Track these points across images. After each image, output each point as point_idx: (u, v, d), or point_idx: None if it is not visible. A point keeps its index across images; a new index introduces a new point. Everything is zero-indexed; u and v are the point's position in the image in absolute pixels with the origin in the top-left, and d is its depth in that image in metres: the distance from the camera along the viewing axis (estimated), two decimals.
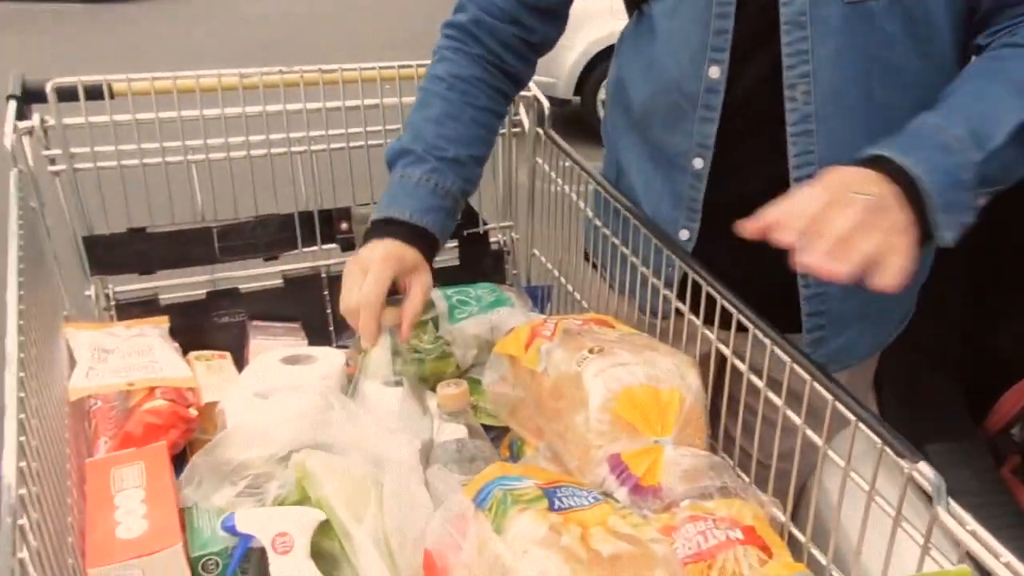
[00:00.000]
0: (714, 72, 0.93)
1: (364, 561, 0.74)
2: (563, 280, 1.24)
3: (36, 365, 0.79)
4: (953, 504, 0.55)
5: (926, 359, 1.38)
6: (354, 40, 8.58)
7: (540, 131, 1.27)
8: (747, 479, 0.84)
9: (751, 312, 0.79)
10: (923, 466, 0.58)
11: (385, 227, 0.97)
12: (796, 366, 0.72)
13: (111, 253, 1.13)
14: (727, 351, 0.84)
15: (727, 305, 0.84)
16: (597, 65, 5.97)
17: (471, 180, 1.05)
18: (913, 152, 0.75)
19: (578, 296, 1.20)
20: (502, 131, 1.30)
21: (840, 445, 0.68)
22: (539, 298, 1.28)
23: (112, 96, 1.12)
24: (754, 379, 0.79)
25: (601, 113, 5.92)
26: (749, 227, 0.73)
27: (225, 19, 10.16)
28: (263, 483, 0.83)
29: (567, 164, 1.18)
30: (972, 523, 0.54)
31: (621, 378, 0.83)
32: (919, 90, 0.88)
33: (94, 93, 1.10)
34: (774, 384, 0.79)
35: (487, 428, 1.08)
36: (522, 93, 1.28)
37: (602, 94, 5.98)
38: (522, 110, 1.28)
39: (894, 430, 0.61)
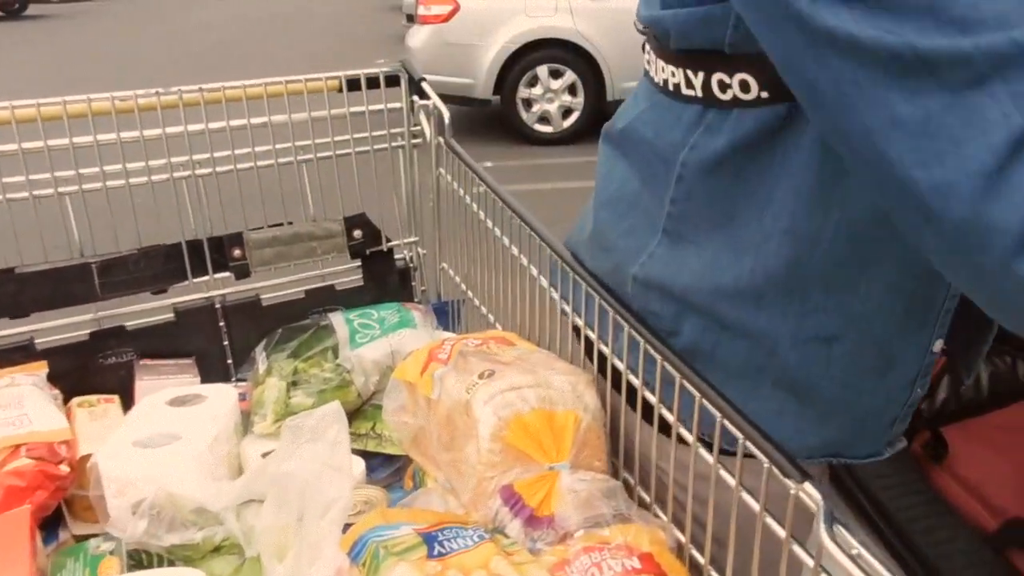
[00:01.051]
0: None
1: None
2: (470, 294, 1.19)
3: None
4: (838, 529, 0.51)
5: None
6: (290, 51, 8.49)
7: (441, 140, 1.22)
8: (648, 498, 0.80)
9: (631, 316, 0.75)
10: (807, 487, 0.54)
11: None
12: (687, 383, 0.67)
13: None
14: (621, 365, 0.79)
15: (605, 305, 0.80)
16: (514, 64, 6.07)
17: None
18: None
19: (484, 310, 1.15)
20: (401, 143, 1.25)
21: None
22: (449, 314, 1.23)
23: None
24: (649, 396, 0.75)
25: (523, 112, 6.08)
26: None
27: (159, 28, 9.97)
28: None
29: (472, 177, 1.13)
30: (856, 546, 0.50)
31: (512, 403, 0.78)
32: None
33: None
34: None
35: (392, 458, 1.03)
36: (421, 102, 1.23)
37: (521, 92, 6.07)
38: (423, 119, 1.23)
39: (781, 448, 0.57)
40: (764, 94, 0.66)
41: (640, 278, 0.78)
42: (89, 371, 1.10)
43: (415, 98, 1.23)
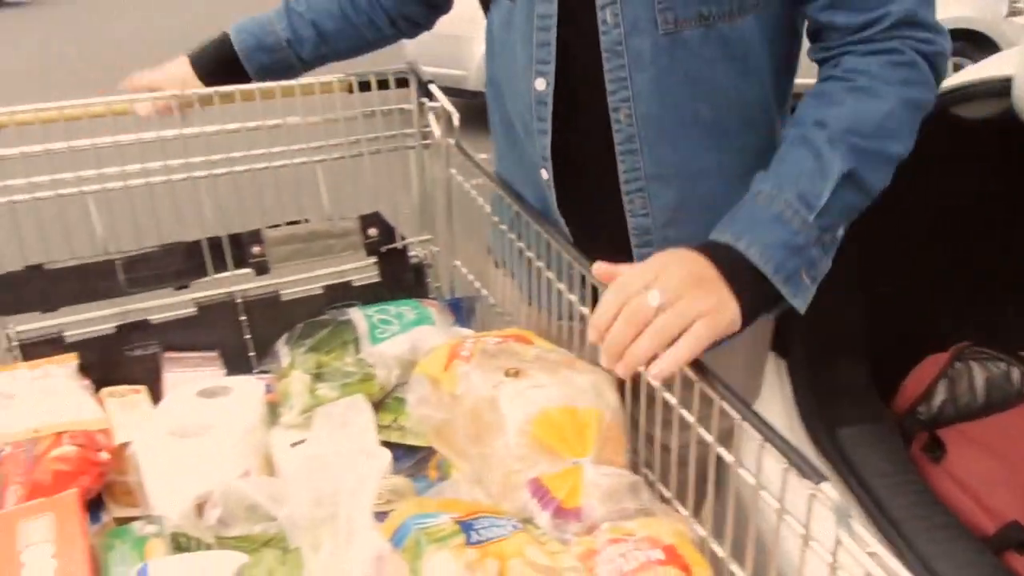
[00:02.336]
0: (540, 84, 0.97)
1: None
2: (484, 292, 1.23)
3: None
4: (855, 526, 0.56)
5: (832, 343, 1.43)
6: None
7: (451, 142, 1.25)
8: (668, 493, 0.85)
9: None
10: (826, 487, 0.59)
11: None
12: (705, 386, 0.72)
13: (10, 293, 1.08)
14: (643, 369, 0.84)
15: None
16: None
17: (304, 41, 1.24)
18: (747, 233, 0.79)
19: (499, 310, 1.19)
20: (412, 143, 1.28)
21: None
22: (463, 311, 1.27)
23: None
24: (668, 396, 0.80)
25: None
26: (600, 274, 0.80)
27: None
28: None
29: (480, 181, 1.17)
30: (873, 545, 0.55)
31: (537, 400, 0.83)
32: (743, 106, 0.95)
33: None
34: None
35: (414, 449, 1.07)
36: (430, 104, 1.26)
37: None
38: (432, 121, 1.26)
39: (799, 451, 0.61)
40: None
41: None
42: (116, 363, 1.13)
43: (424, 100, 1.26)
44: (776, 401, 1.43)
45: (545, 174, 1.03)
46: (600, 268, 0.80)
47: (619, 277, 0.77)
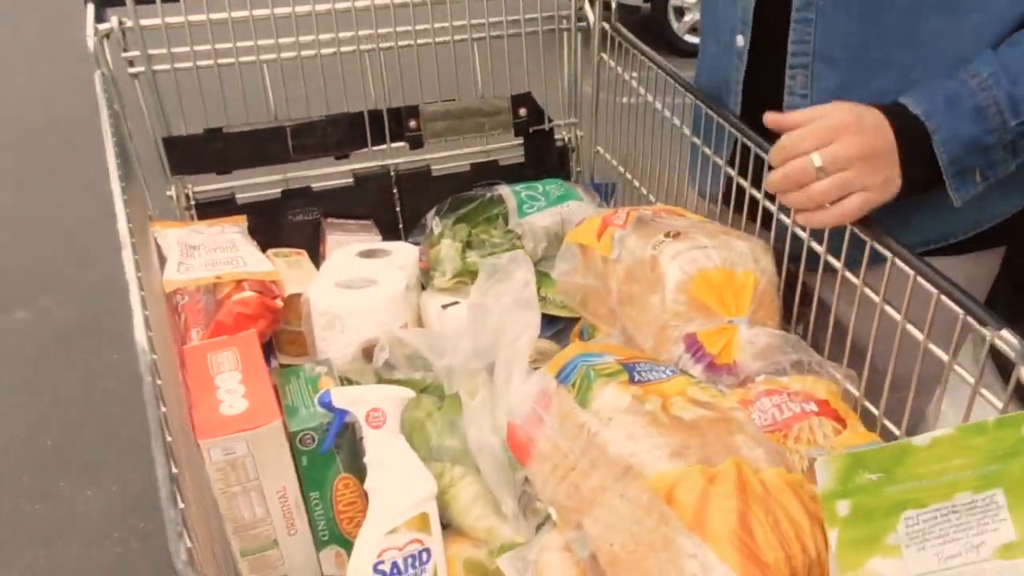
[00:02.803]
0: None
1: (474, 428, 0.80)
2: (628, 176, 1.25)
3: (141, 253, 0.83)
4: None
5: None
6: None
7: (606, 25, 1.26)
8: (821, 356, 0.86)
9: None
10: (1005, 333, 0.59)
11: None
12: (876, 244, 0.73)
13: (190, 154, 1.16)
14: (804, 234, 0.85)
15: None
16: None
17: None
18: (940, 115, 0.77)
19: (644, 191, 1.20)
20: (566, 26, 1.29)
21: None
22: (604, 194, 1.29)
23: None
24: (833, 261, 0.81)
25: (674, 21, 5.62)
26: (769, 121, 0.79)
27: None
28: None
29: (636, 57, 1.17)
30: None
31: (697, 260, 0.85)
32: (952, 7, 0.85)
33: None
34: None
35: (554, 319, 1.12)
36: None
37: (675, 0, 5.68)
38: (587, 3, 1.27)
39: (976, 299, 0.62)
40: None
41: None
42: (280, 226, 1.21)
43: None
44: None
45: (741, 40, 0.98)
46: (770, 116, 0.79)
47: (792, 134, 0.77)
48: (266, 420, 0.80)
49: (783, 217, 0.87)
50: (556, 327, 1.13)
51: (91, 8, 1.10)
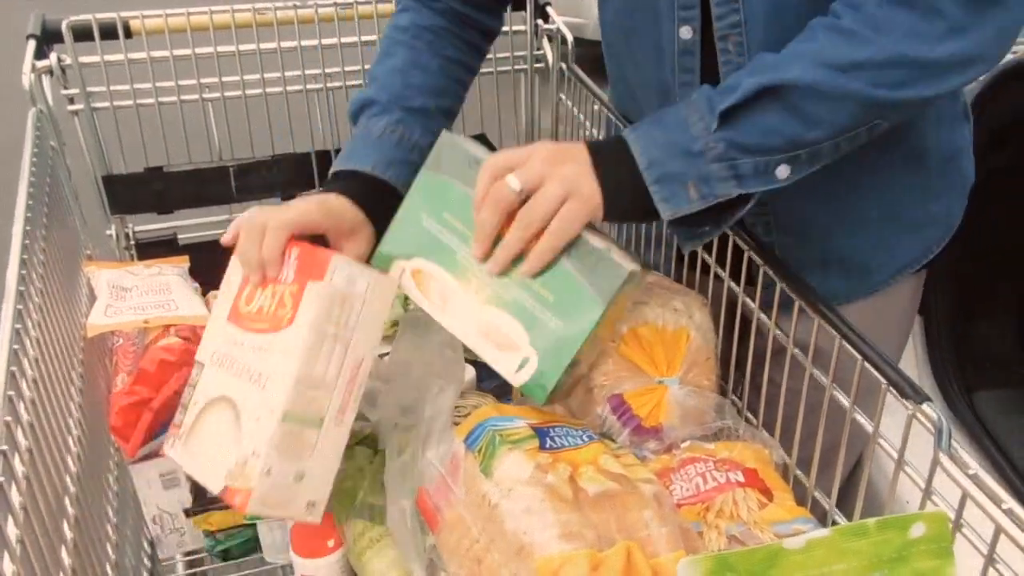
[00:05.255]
0: (685, 32, 0.82)
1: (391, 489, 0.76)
2: None
3: (45, 299, 0.80)
4: (956, 448, 0.52)
5: (979, 300, 1.32)
6: None
7: (564, 67, 1.23)
8: (756, 421, 0.81)
9: (761, 253, 0.75)
10: (927, 407, 0.54)
11: (339, 181, 0.85)
12: (803, 303, 0.68)
13: (130, 192, 1.13)
14: (737, 288, 0.80)
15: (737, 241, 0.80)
16: None
17: (438, 134, 0.85)
18: (642, 128, 0.72)
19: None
20: (523, 67, 1.26)
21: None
22: None
23: (129, 35, 1.11)
24: (763, 317, 0.76)
25: None
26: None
27: None
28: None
29: (596, 107, 1.13)
30: (974, 467, 0.50)
31: (627, 317, 0.81)
32: None
33: (110, 31, 1.10)
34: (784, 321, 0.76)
35: None
36: (545, 26, 1.24)
37: None
38: (545, 44, 1.24)
39: (900, 370, 0.57)
40: None
41: None
42: (224, 266, 1.17)
43: (539, 22, 1.24)
44: (906, 359, 1.33)
45: (688, 32, 0.83)
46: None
47: (490, 157, 0.72)
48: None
49: (719, 271, 0.83)
50: (500, 377, 1.08)
51: (32, 44, 1.09)
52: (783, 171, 0.70)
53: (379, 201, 0.83)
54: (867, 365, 0.60)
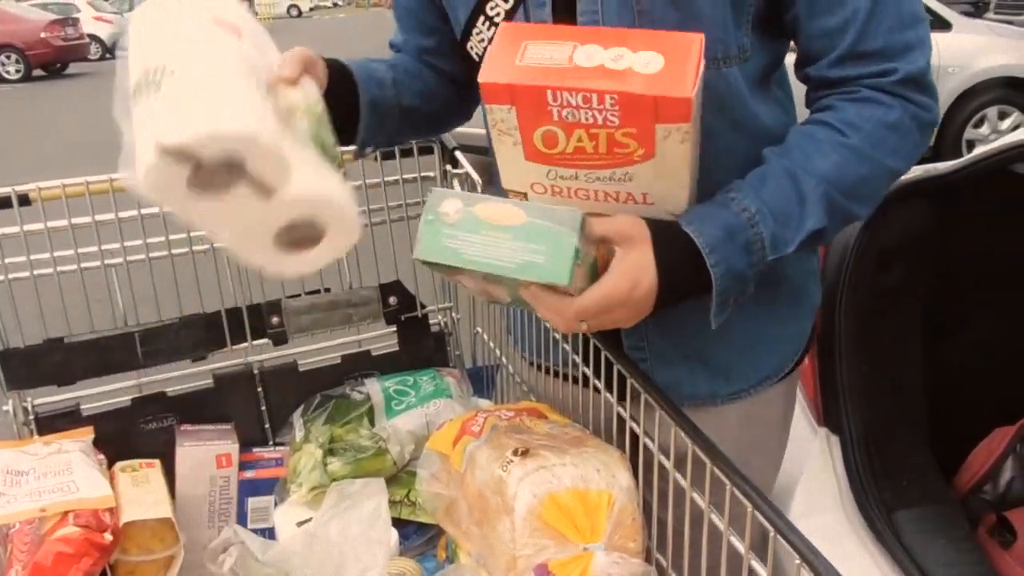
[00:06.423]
0: None
1: None
2: (504, 360, 1.20)
3: None
4: None
5: (891, 417, 1.34)
6: None
7: None
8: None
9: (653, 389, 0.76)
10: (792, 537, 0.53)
11: None
12: (717, 470, 0.67)
13: (28, 366, 1.08)
14: (652, 445, 0.80)
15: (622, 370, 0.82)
16: None
17: (404, 88, 1.05)
18: (716, 251, 0.78)
19: (518, 379, 1.15)
20: None
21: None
22: (486, 378, 1.24)
23: (26, 203, 1.08)
24: (680, 480, 0.75)
25: None
26: None
27: None
28: None
29: None
30: None
31: (547, 481, 0.79)
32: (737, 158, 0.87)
33: (5, 203, 1.07)
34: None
35: (425, 526, 1.04)
36: (455, 171, 1.26)
37: None
38: (456, 186, 1.25)
39: (812, 546, 0.56)
40: None
41: None
42: (131, 436, 1.12)
43: (448, 167, 1.26)
44: (826, 480, 1.34)
45: None
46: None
47: (587, 304, 0.77)
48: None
49: (634, 426, 0.82)
50: (427, 534, 1.05)
51: None
52: None
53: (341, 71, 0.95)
54: (735, 491, 0.59)
